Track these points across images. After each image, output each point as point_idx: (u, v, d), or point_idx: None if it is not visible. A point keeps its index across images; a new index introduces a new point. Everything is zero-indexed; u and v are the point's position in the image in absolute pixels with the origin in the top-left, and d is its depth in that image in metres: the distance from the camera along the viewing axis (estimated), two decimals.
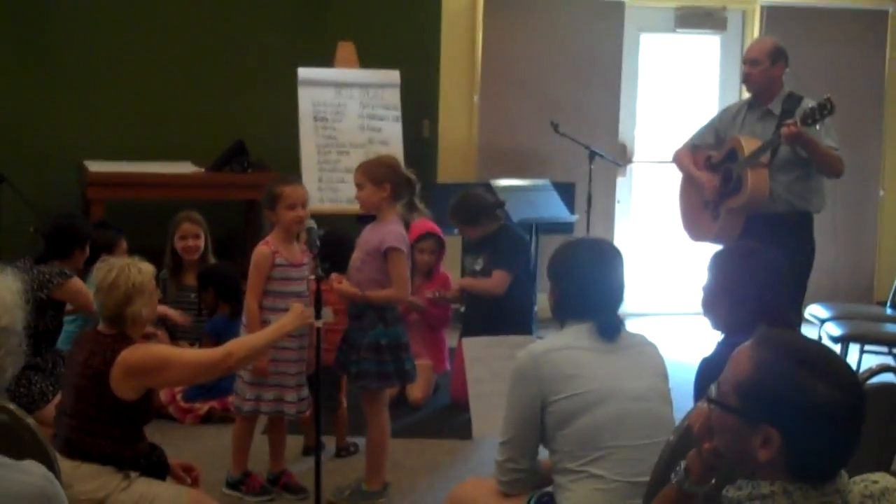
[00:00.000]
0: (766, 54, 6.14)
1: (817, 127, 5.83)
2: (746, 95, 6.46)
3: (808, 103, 5.91)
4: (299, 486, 5.33)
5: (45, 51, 8.58)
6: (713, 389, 2.32)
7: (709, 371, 3.42)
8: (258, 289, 5.17)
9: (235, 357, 4.64)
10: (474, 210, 6.56)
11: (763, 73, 6.13)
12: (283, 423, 5.38)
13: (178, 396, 6.32)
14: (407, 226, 5.95)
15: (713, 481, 2.49)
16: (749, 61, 6.22)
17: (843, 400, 2.18)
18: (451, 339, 6.97)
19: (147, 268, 4.51)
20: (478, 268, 6.58)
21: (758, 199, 6.01)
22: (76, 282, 5.78)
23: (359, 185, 5.23)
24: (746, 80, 6.29)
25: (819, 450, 2.18)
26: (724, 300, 3.59)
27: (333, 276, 5.01)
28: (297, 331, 4.78)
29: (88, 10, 8.57)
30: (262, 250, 5.20)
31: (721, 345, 3.57)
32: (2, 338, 2.25)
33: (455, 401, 6.49)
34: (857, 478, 2.29)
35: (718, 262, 3.69)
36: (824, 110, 5.74)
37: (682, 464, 2.59)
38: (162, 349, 4.68)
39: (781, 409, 2.18)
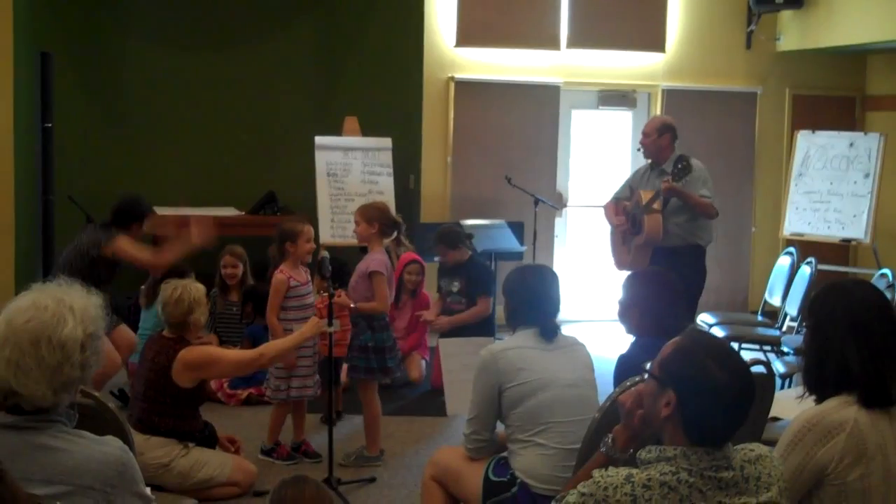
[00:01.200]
0: (654, 129, 6.24)
1: (685, 180, 5.86)
2: None
3: (683, 162, 5.93)
4: (316, 452, 5.30)
5: (125, 122, 8.57)
6: (648, 366, 2.38)
7: (624, 365, 3.42)
8: (277, 308, 5.16)
9: (267, 357, 4.63)
10: (455, 237, 6.54)
11: (652, 143, 6.22)
12: (304, 404, 5.35)
13: (225, 385, 6.27)
14: (397, 258, 5.96)
15: (632, 450, 2.49)
16: (643, 134, 6.31)
17: (732, 383, 2.22)
18: (432, 340, 6.94)
19: (201, 287, 4.53)
20: (454, 289, 6.53)
21: (653, 237, 6.04)
22: (122, 239, 5.56)
23: (356, 222, 5.26)
24: (641, 147, 6.35)
25: (711, 419, 2.21)
26: (635, 312, 3.59)
27: (338, 290, 5.00)
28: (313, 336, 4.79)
29: (157, 91, 8.56)
30: (279, 278, 5.17)
31: (633, 345, 3.57)
32: (89, 342, 2.24)
33: (434, 387, 6.46)
34: (738, 446, 2.30)
35: (631, 282, 3.69)
36: (685, 169, 5.84)
37: (610, 436, 2.59)
38: (211, 350, 4.67)
39: (682, 378, 2.23)
